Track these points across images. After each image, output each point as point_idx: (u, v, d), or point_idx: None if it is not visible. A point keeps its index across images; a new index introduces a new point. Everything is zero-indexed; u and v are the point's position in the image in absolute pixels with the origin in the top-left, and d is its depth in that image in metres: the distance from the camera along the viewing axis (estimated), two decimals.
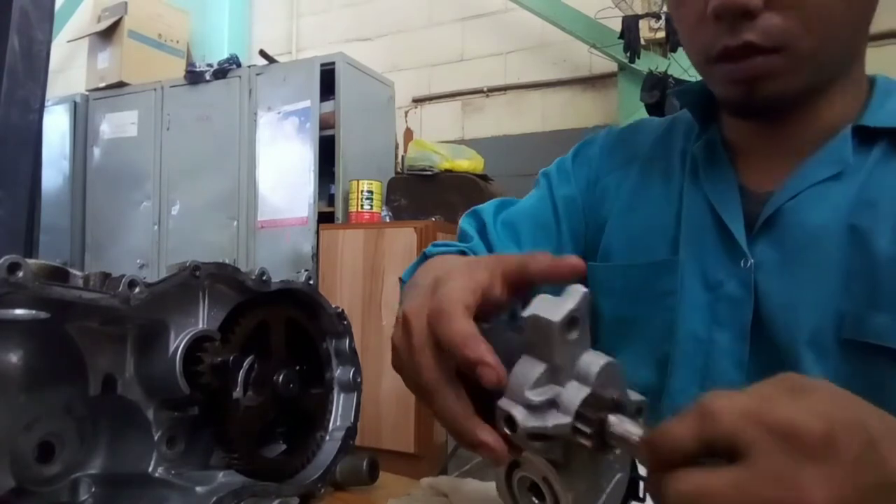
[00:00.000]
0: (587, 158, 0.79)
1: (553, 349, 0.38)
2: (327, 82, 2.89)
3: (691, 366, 0.63)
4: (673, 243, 0.67)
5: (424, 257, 0.72)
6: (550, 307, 0.38)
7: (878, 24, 2.19)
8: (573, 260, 0.43)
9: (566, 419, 0.37)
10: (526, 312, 0.38)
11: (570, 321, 0.38)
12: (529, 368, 0.38)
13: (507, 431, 0.38)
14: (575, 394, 0.38)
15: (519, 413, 0.38)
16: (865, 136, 0.60)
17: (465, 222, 0.79)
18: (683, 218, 0.67)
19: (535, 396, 0.38)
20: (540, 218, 0.77)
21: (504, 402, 0.39)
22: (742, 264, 0.61)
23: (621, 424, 0.36)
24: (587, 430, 0.37)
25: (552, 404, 0.38)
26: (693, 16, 0.59)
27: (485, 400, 0.41)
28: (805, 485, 0.29)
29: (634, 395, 0.40)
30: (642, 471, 0.43)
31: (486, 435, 0.39)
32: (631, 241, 0.71)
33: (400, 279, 0.74)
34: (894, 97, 0.62)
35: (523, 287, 0.45)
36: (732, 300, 0.61)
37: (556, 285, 0.42)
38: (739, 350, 0.61)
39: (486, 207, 0.80)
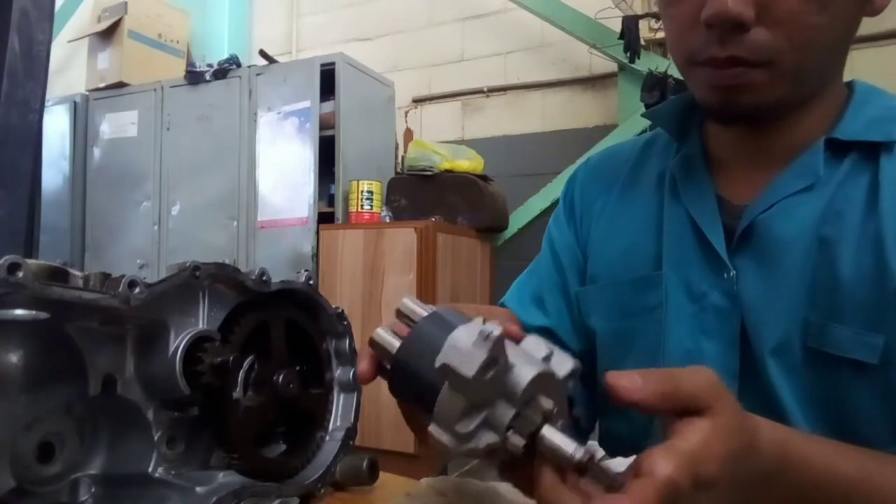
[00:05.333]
0: (570, 200, 0.82)
1: (472, 392, 0.38)
2: (327, 82, 2.89)
3: None
4: (655, 260, 0.68)
5: None
6: (463, 356, 0.36)
7: (878, 24, 2.18)
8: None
9: (496, 438, 0.39)
10: (437, 360, 0.37)
11: (486, 366, 0.37)
12: (452, 404, 0.38)
13: (440, 448, 0.40)
14: (503, 413, 0.38)
15: (449, 441, 0.39)
16: (837, 148, 0.61)
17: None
18: (665, 232, 0.68)
19: (463, 428, 0.39)
20: (552, 280, 0.80)
21: (434, 430, 0.39)
22: (725, 275, 0.62)
23: (552, 438, 0.37)
24: (519, 443, 0.38)
25: (482, 425, 0.39)
26: (684, 18, 0.59)
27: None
28: None
29: (567, 361, 0.41)
30: None
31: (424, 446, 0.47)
32: (614, 262, 0.73)
33: None
34: (869, 107, 0.63)
35: None
36: (718, 310, 0.62)
37: None
38: (729, 360, 0.61)
39: (510, 298, 0.83)
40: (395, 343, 0.43)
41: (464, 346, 0.37)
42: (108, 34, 3.52)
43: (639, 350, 0.68)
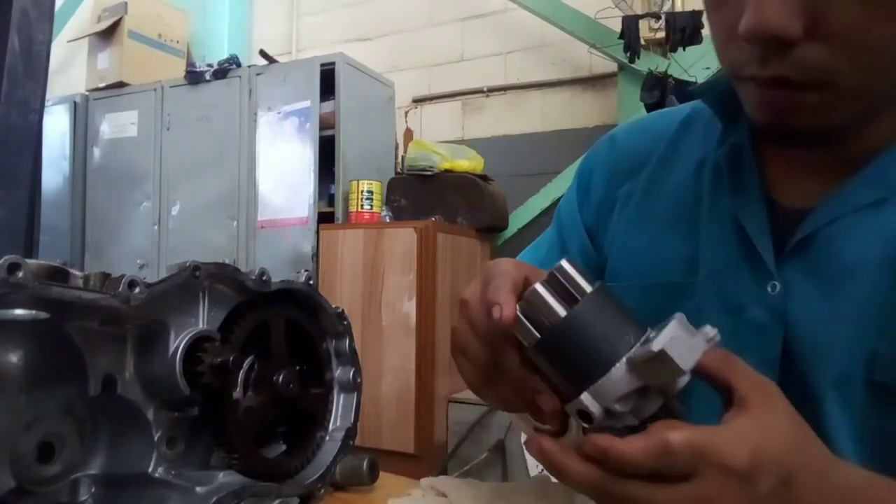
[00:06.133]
0: (587, 181, 0.74)
1: (654, 379, 0.39)
2: (327, 82, 2.89)
3: (713, 397, 0.60)
4: (688, 263, 0.61)
5: None
6: (684, 348, 0.38)
7: None
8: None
9: (634, 422, 0.41)
10: (656, 344, 0.38)
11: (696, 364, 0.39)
12: (627, 384, 0.40)
13: (582, 422, 0.42)
14: (654, 402, 0.41)
15: (598, 414, 0.41)
16: None
17: None
18: (703, 234, 0.61)
19: (620, 407, 0.40)
20: (555, 261, 0.76)
21: (586, 398, 0.41)
22: (769, 289, 0.55)
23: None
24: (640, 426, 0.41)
25: (633, 408, 0.41)
26: (725, 26, 0.50)
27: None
28: None
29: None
30: None
31: (546, 399, 0.45)
32: (639, 260, 0.65)
33: None
34: None
35: None
36: (757, 328, 0.55)
37: None
38: None
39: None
40: (560, 309, 0.42)
41: (685, 340, 0.38)
42: (108, 34, 3.51)
43: None
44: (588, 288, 0.42)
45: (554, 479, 0.49)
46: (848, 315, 0.52)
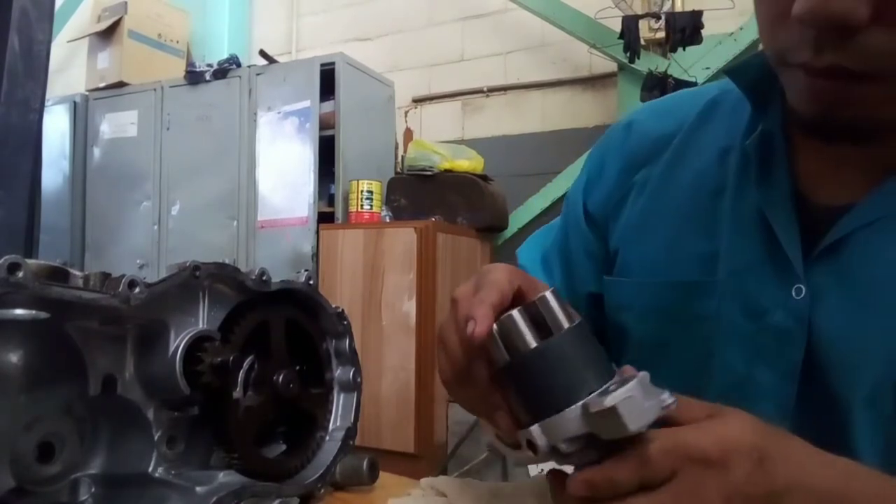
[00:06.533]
0: (599, 168, 0.70)
1: (606, 437, 0.39)
2: (327, 82, 2.89)
3: (727, 405, 0.52)
4: (707, 260, 0.57)
5: None
6: (637, 410, 0.38)
7: None
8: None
9: (569, 465, 0.42)
10: (610, 399, 0.38)
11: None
12: (575, 428, 0.40)
13: (528, 450, 0.42)
14: (592, 454, 0.41)
15: (542, 448, 0.41)
16: None
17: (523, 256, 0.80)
18: (724, 230, 0.57)
19: (566, 447, 0.41)
20: (556, 247, 0.75)
21: (536, 431, 0.41)
22: (794, 293, 0.51)
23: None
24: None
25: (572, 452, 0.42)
26: (774, 7, 0.45)
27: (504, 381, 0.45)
28: (708, 496, 0.38)
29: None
30: None
31: (502, 418, 0.45)
32: (655, 254, 0.61)
33: None
34: None
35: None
36: (779, 333, 0.52)
37: None
38: (785, 392, 0.52)
39: (523, 252, 0.79)
40: (531, 340, 0.42)
41: (639, 402, 0.38)
42: (108, 34, 3.51)
43: (679, 363, 0.58)
44: (565, 324, 0.42)
45: None
46: (882, 325, 0.48)
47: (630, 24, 2.56)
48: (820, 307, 0.50)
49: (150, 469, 0.52)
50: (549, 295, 0.43)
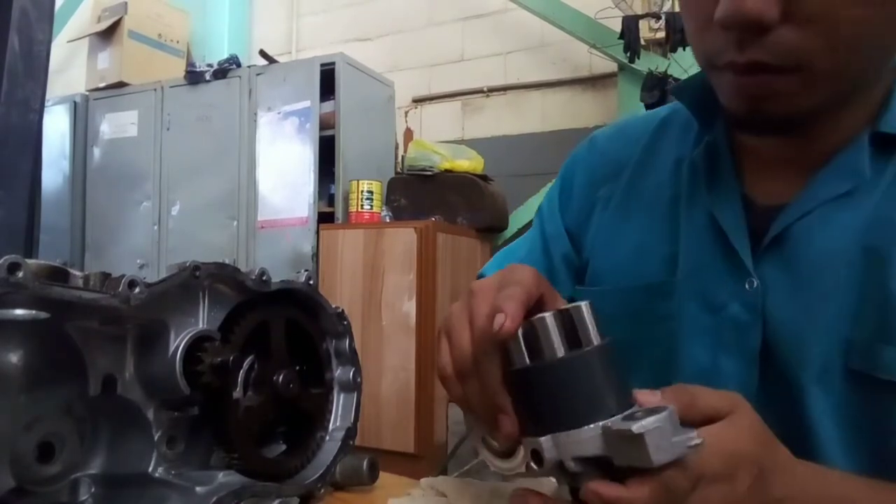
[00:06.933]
0: (569, 184, 0.75)
1: (621, 463, 0.38)
2: (327, 82, 2.89)
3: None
4: (669, 262, 0.62)
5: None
6: (665, 443, 0.36)
7: None
8: None
9: (569, 484, 0.41)
10: (638, 426, 0.36)
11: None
12: (590, 446, 0.39)
13: (531, 461, 0.41)
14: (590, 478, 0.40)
15: (550, 462, 0.40)
16: (884, 144, 0.53)
17: None
18: (682, 234, 0.62)
19: (573, 466, 0.40)
20: (540, 264, 0.75)
21: (546, 443, 0.40)
22: (747, 286, 0.56)
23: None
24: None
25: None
26: (699, 15, 0.51)
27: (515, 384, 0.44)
28: None
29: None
30: None
31: (507, 421, 0.44)
32: (622, 262, 0.66)
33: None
34: None
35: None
36: (737, 324, 0.56)
37: None
38: (747, 378, 0.56)
39: (488, 269, 0.79)
40: (560, 348, 0.41)
41: (668, 435, 0.37)
42: (108, 34, 3.52)
43: (649, 362, 0.62)
44: (595, 340, 0.41)
45: (553, 479, 0.49)
46: (823, 306, 0.53)
47: (630, 24, 2.56)
48: (771, 296, 0.55)
49: (150, 469, 0.52)
50: (585, 306, 0.42)
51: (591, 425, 0.39)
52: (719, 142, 0.61)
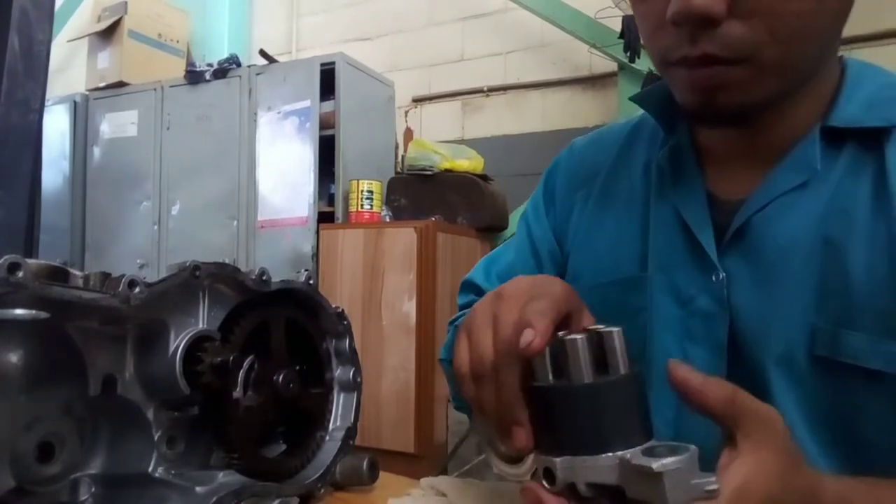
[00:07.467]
0: (552, 188, 0.79)
1: (632, 496, 0.38)
2: (327, 82, 2.88)
3: (666, 383, 0.62)
4: (642, 259, 0.65)
5: (454, 328, 0.75)
6: (682, 485, 0.36)
7: (878, 23, 2.18)
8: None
9: (590, 495, 0.40)
10: (658, 464, 0.36)
11: None
12: (605, 474, 0.39)
13: (543, 480, 0.41)
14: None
15: (561, 482, 0.40)
16: (834, 137, 0.56)
17: (461, 298, 0.82)
18: (651, 230, 0.65)
19: (585, 490, 0.39)
20: (526, 266, 0.77)
21: (561, 464, 0.40)
22: (713, 278, 0.58)
23: None
24: None
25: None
26: (653, 16, 0.54)
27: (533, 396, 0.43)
28: None
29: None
30: None
31: (522, 435, 0.44)
32: (598, 260, 0.69)
33: (440, 360, 0.78)
34: (863, 87, 0.58)
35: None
36: (705, 315, 0.59)
37: None
38: (716, 367, 0.58)
39: (475, 274, 0.81)
40: (588, 372, 0.41)
41: (686, 478, 0.36)
42: (108, 34, 3.51)
43: None
44: (623, 368, 0.41)
45: None
46: (785, 295, 0.55)
47: (630, 23, 2.56)
48: (736, 287, 0.58)
49: (150, 469, 0.52)
50: (617, 333, 0.42)
51: (610, 454, 0.39)
52: (683, 143, 0.65)
